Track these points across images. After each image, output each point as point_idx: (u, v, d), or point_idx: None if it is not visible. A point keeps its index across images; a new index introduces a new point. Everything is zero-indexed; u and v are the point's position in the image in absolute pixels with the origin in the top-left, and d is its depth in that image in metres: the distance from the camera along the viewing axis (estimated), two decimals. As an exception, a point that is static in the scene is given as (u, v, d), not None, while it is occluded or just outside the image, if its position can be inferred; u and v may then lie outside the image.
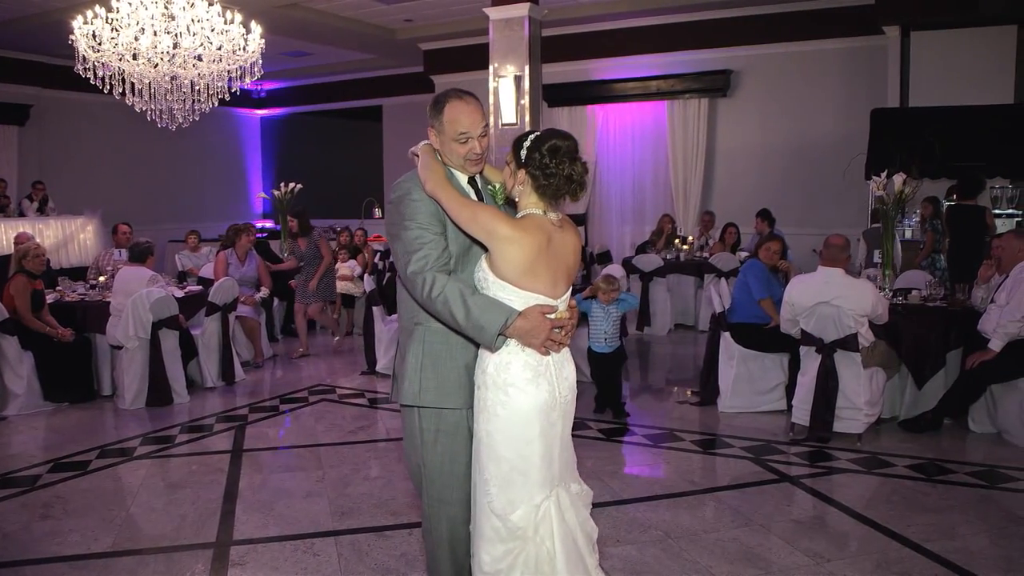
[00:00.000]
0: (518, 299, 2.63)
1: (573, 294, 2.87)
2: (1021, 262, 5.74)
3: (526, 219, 2.68)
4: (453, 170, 2.84)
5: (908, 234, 10.04)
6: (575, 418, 2.87)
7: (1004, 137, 9.37)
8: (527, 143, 2.69)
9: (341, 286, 10.12)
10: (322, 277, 8.95)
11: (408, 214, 2.71)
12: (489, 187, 2.91)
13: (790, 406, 6.07)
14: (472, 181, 2.89)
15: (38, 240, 9.45)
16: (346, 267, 10.22)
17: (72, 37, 7.85)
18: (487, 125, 2.87)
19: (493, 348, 2.64)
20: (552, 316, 2.66)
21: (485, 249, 2.70)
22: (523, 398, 2.64)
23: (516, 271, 2.62)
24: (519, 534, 2.65)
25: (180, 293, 7.55)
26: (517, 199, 2.76)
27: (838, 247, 5.75)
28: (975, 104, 9.63)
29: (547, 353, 2.67)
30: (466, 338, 2.73)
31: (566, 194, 2.68)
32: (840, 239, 5.81)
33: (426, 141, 2.90)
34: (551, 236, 2.67)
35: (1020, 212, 10.04)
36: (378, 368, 7.99)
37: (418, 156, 2.87)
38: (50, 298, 7.31)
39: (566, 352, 2.78)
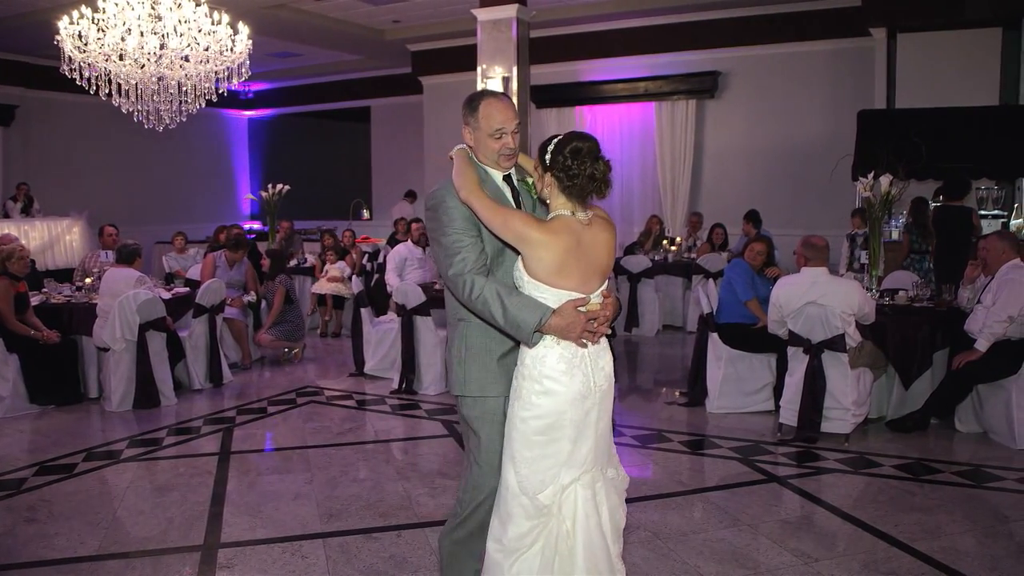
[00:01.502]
0: (552, 297, 2.75)
1: None
2: (1006, 263, 5.78)
3: (554, 221, 2.78)
4: (488, 168, 2.97)
5: (894, 235, 10.10)
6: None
7: (990, 138, 9.43)
8: (551, 147, 2.79)
9: (331, 287, 10.11)
10: (281, 323, 8.63)
11: (445, 221, 2.85)
12: (525, 180, 3.03)
13: (778, 407, 6.09)
14: (507, 179, 3.01)
15: (23, 242, 9.37)
16: (335, 268, 10.21)
17: (57, 37, 7.81)
18: (519, 123, 2.99)
19: (531, 344, 2.77)
20: (584, 309, 2.76)
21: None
22: (558, 388, 2.76)
23: (547, 271, 2.74)
24: (544, 511, 2.77)
25: (167, 295, 7.51)
26: (548, 201, 2.87)
27: (820, 247, 5.77)
28: (961, 106, 9.70)
29: (585, 345, 2.79)
30: (505, 334, 2.85)
31: (591, 192, 2.78)
32: (820, 239, 5.84)
33: (460, 145, 3.02)
34: (580, 236, 2.77)
35: (1005, 213, 10.12)
36: (366, 370, 7.97)
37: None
38: (36, 300, 7.26)
39: (604, 343, 2.89)
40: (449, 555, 3.07)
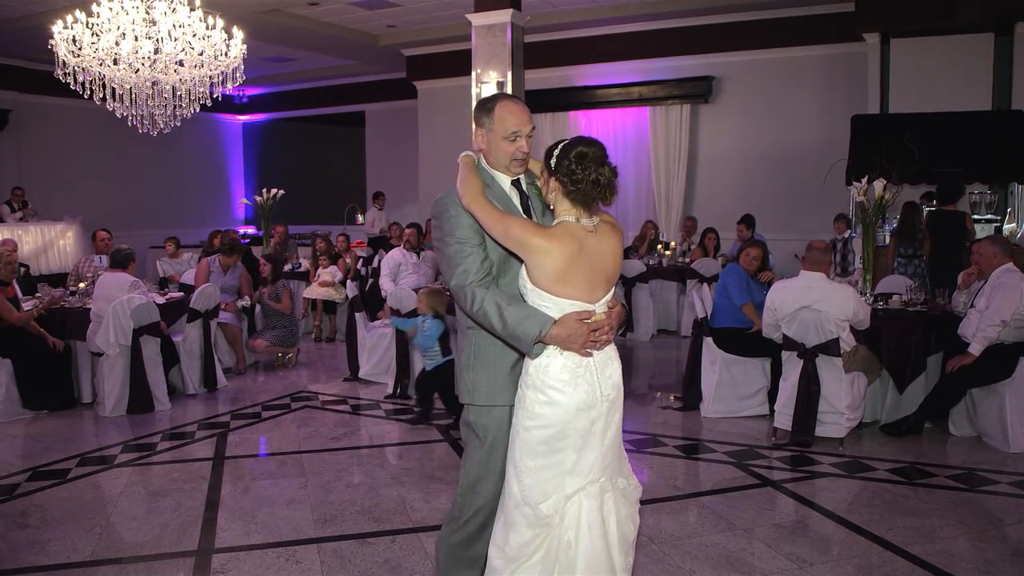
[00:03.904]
0: (554, 306, 2.71)
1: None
2: (999, 267, 5.80)
3: (557, 228, 2.75)
4: (496, 173, 2.94)
5: (887, 239, 10.13)
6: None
7: (983, 143, 9.47)
8: (556, 152, 2.76)
9: (322, 292, 10.09)
10: (275, 328, 8.60)
11: (448, 230, 2.84)
12: (535, 185, 2.99)
13: (772, 411, 6.10)
14: (516, 183, 2.98)
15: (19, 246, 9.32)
16: (327, 273, 10.19)
17: (52, 42, 7.80)
18: (534, 127, 2.97)
19: (532, 355, 2.75)
20: (589, 320, 2.72)
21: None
22: (561, 398, 2.72)
23: (549, 279, 2.70)
24: (546, 521, 2.74)
25: (161, 299, 7.49)
26: (552, 207, 2.83)
27: (820, 251, 5.78)
28: (954, 110, 9.73)
29: (589, 354, 2.75)
30: (509, 344, 2.84)
31: (596, 199, 2.74)
32: (822, 243, 5.85)
33: (466, 152, 2.99)
34: (583, 243, 2.73)
35: (999, 217, 10.15)
36: (361, 374, 7.95)
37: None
38: (29, 304, 7.24)
39: (611, 350, 2.85)
40: (445, 559, 3.05)
